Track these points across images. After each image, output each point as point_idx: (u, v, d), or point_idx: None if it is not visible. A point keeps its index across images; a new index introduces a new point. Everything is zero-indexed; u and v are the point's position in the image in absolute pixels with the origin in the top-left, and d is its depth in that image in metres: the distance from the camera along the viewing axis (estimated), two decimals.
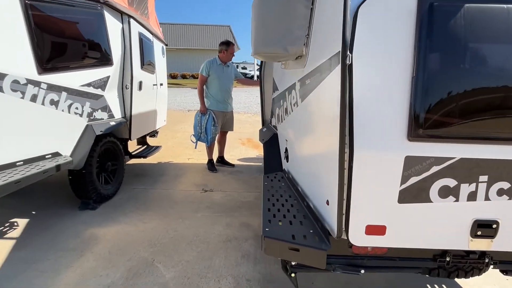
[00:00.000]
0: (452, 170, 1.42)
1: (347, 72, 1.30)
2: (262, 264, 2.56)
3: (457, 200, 1.46)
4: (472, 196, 1.45)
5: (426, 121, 1.37)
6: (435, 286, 2.39)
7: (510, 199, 1.45)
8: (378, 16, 1.36)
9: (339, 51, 1.32)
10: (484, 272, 1.78)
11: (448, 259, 1.63)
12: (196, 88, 5.18)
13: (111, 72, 3.64)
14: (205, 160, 5.18)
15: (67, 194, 3.59)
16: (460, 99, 1.36)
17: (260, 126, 4.53)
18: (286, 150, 2.61)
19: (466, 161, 1.40)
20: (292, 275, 1.69)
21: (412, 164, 1.41)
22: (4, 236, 2.89)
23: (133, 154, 4.53)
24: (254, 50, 1.90)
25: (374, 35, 1.38)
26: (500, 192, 1.45)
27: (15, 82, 2.45)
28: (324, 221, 1.65)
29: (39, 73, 2.66)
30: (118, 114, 3.83)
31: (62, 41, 3.04)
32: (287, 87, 2.40)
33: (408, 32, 1.35)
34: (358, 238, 1.52)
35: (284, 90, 2.56)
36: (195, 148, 5.08)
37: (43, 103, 2.72)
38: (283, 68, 2.51)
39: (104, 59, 3.54)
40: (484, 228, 1.49)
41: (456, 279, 2.46)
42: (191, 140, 4.94)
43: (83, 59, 3.30)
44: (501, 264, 1.68)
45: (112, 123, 3.66)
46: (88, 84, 3.29)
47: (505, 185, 1.44)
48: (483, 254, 1.64)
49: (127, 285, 2.28)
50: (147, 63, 4.45)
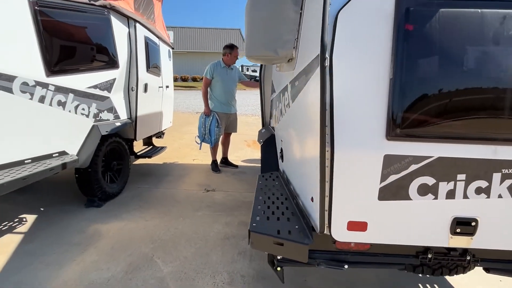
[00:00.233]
0: (430, 169, 1.46)
1: (325, 74, 1.36)
2: (257, 261, 2.63)
3: (436, 198, 1.50)
4: (450, 194, 1.49)
5: (403, 121, 1.42)
6: (427, 286, 2.42)
7: (488, 197, 1.49)
8: (357, 20, 1.43)
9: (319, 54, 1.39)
10: (469, 270, 1.81)
11: (430, 256, 1.67)
12: None
13: (117, 74, 3.77)
14: (209, 161, 5.28)
15: (74, 192, 3.73)
16: (436, 100, 1.41)
17: None
18: (282, 150, 2.68)
19: (443, 160, 1.45)
20: (278, 269, 1.76)
21: (391, 163, 1.46)
22: (13, 231, 3.03)
23: (138, 154, 4.66)
24: (246, 53, 1.97)
25: (354, 38, 1.44)
26: (478, 191, 1.49)
27: (24, 84, 2.59)
28: (310, 217, 1.72)
29: (47, 75, 2.80)
30: (123, 115, 3.96)
31: (69, 44, 3.19)
32: (282, 88, 2.47)
33: (386, 35, 1.41)
34: (341, 233, 1.57)
35: (279, 92, 2.63)
36: (200, 149, 5.18)
37: (50, 104, 2.86)
38: (278, 70, 2.58)
39: (111, 62, 3.67)
40: (463, 225, 1.53)
41: (449, 281, 2.48)
42: (196, 141, 5.05)
43: (90, 62, 3.44)
44: (483, 262, 1.71)
45: (118, 124, 3.79)
46: (95, 86, 3.42)
47: (483, 183, 1.47)
48: (465, 252, 1.67)
49: (126, 278, 2.38)
50: (153, 66, 4.58)
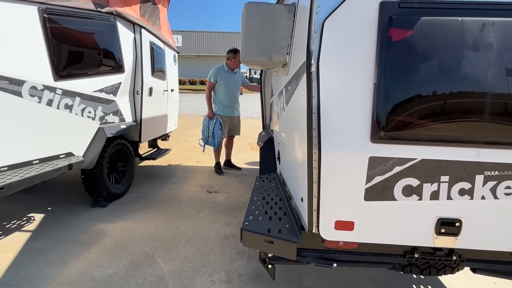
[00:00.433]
0: (414, 170, 1.51)
1: (311, 80, 1.43)
2: (254, 261, 2.69)
3: (420, 199, 1.55)
4: (434, 195, 1.54)
5: (387, 124, 1.48)
6: (421, 287, 2.45)
7: (471, 199, 1.53)
8: (343, 28, 1.49)
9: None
10: (458, 270, 1.85)
11: (416, 255, 1.71)
12: None
13: (123, 78, 3.89)
14: (213, 163, 5.36)
15: (80, 192, 3.84)
16: (419, 104, 1.46)
17: None
18: (279, 152, 2.75)
19: (427, 162, 1.50)
20: (269, 266, 1.82)
21: (376, 164, 1.52)
22: (22, 229, 3.15)
23: (143, 156, 4.77)
24: (242, 58, 2.05)
25: (339, 45, 1.50)
26: (462, 192, 1.53)
27: (33, 88, 2.71)
28: (300, 217, 1.78)
29: (55, 79, 2.92)
30: (129, 118, 4.08)
31: (76, 50, 3.31)
32: (278, 92, 2.54)
33: (370, 42, 1.47)
34: (328, 232, 1.63)
35: (277, 96, 2.70)
36: (203, 151, 5.28)
37: (58, 107, 2.98)
38: (275, 75, 2.66)
39: (116, 67, 3.80)
40: (448, 226, 1.57)
41: (443, 282, 2.51)
42: (199, 144, 5.14)
43: (97, 66, 3.56)
44: (469, 262, 1.75)
45: (123, 126, 3.90)
46: (101, 90, 3.54)
47: (466, 185, 1.52)
48: (451, 252, 1.71)
49: (127, 275, 2.47)
50: (158, 70, 4.70)
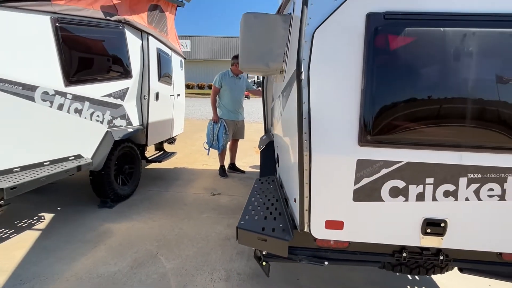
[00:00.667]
0: (400, 173, 1.59)
1: (301, 87, 1.52)
2: (253, 261, 2.74)
3: (406, 200, 1.62)
4: (420, 197, 1.61)
5: (374, 128, 1.56)
6: (415, 287, 2.50)
7: (456, 200, 1.60)
8: (332, 38, 1.58)
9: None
10: (447, 270, 1.91)
11: (404, 255, 1.78)
12: None
13: (130, 84, 4.04)
14: (218, 166, 5.47)
15: (89, 193, 3.98)
16: (404, 110, 1.54)
17: None
18: (277, 155, 2.84)
19: (412, 164, 1.58)
20: (264, 263, 1.90)
21: (363, 167, 1.60)
22: (32, 228, 3.30)
23: (149, 159, 4.91)
24: (241, 65, 2.15)
25: (329, 54, 1.60)
26: (446, 194, 1.60)
27: (45, 93, 2.86)
28: (294, 216, 1.86)
29: (66, 85, 3.08)
30: (136, 122, 4.22)
31: (86, 56, 3.47)
32: (276, 97, 2.64)
33: (357, 51, 1.56)
34: (319, 231, 1.71)
35: (275, 101, 2.80)
36: (208, 154, 5.39)
37: (68, 111, 3.13)
38: (274, 81, 2.76)
39: (124, 73, 3.95)
40: (434, 226, 1.64)
41: (438, 284, 2.55)
42: (204, 147, 5.26)
43: (105, 72, 3.71)
44: (455, 262, 1.80)
45: (130, 130, 4.04)
46: (109, 95, 3.69)
47: (450, 187, 1.59)
48: (438, 252, 1.77)
49: (131, 273, 2.58)
50: (164, 75, 4.84)
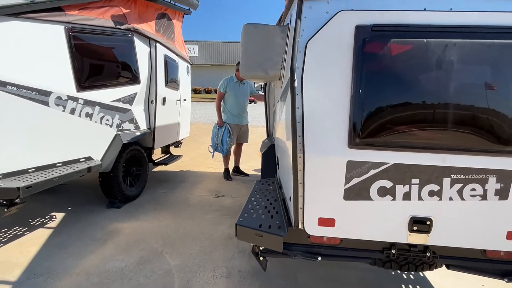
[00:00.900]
0: (387, 173, 1.70)
1: (295, 93, 1.65)
2: (254, 259, 2.85)
3: (394, 199, 1.73)
4: (407, 196, 1.72)
5: (362, 132, 1.67)
6: (410, 286, 2.58)
7: (440, 200, 1.71)
8: (323, 48, 1.71)
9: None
10: (435, 268, 2.00)
11: (393, 251, 1.88)
12: None
13: (138, 89, 4.21)
14: (223, 169, 5.61)
15: (98, 194, 4.15)
16: (389, 114, 1.66)
17: None
18: (277, 158, 2.96)
19: (399, 166, 1.69)
20: (261, 258, 2.02)
21: (353, 168, 1.71)
22: (45, 226, 3.46)
23: (156, 161, 5.07)
24: (241, 73, 2.28)
25: (320, 63, 1.72)
26: (431, 193, 1.71)
27: (58, 98, 3.04)
28: (289, 214, 1.98)
29: (78, 90, 3.25)
30: (143, 126, 4.38)
31: (97, 63, 3.65)
32: (276, 102, 2.77)
33: (347, 60, 1.68)
34: (312, 228, 1.83)
35: (275, 106, 2.93)
36: (212, 157, 5.54)
37: (79, 115, 3.30)
38: (274, 87, 2.89)
39: (133, 78, 4.12)
40: (420, 224, 1.75)
41: (433, 284, 2.64)
42: (209, 150, 5.41)
43: (115, 78, 3.89)
44: (442, 259, 1.90)
45: (138, 133, 4.20)
46: (118, 100, 3.86)
47: (435, 187, 1.70)
48: (426, 249, 1.87)
49: (137, 269, 2.71)
50: (171, 81, 5.01)
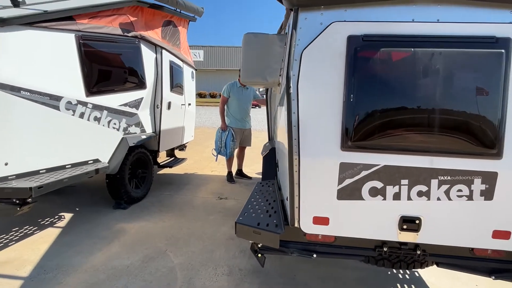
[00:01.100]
0: (378, 175, 1.80)
1: (291, 99, 1.76)
2: (255, 259, 2.96)
3: (384, 199, 1.83)
4: (397, 196, 1.82)
5: (354, 135, 1.78)
6: (405, 286, 2.66)
7: (428, 200, 1.80)
8: (317, 57, 1.82)
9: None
10: (426, 266, 2.09)
11: (385, 249, 1.97)
12: None
13: (145, 94, 4.35)
14: (226, 172, 5.72)
15: (105, 196, 4.29)
16: (379, 119, 1.76)
17: None
18: (277, 160, 3.07)
19: (389, 167, 1.79)
20: (259, 255, 2.13)
21: (346, 169, 1.82)
22: (54, 225, 3.60)
23: (161, 164, 5.20)
24: (242, 79, 2.40)
25: (315, 70, 1.83)
26: (420, 194, 1.80)
27: (69, 102, 3.18)
28: (287, 213, 2.08)
29: (87, 95, 3.40)
30: (149, 129, 4.52)
31: (105, 69, 3.80)
32: (276, 107, 2.88)
33: (340, 68, 1.79)
34: (308, 226, 1.93)
35: (275, 110, 3.04)
36: (216, 160, 5.66)
37: (88, 119, 3.44)
38: (273, 92, 3.01)
39: (139, 84, 4.27)
40: (409, 223, 1.84)
41: (428, 284, 2.71)
42: (212, 154, 5.53)
43: (122, 84, 4.04)
44: (431, 256, 1.98)
45: (143, 137, 4.34)
46: (125, 104, 4.01)
47: (423, 188, 1.79)
48: (416, 247, 1.96)
49: (142, 266, 2.83)
50: (176, 86, 5.16)
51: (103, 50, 3.72)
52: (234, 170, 5.75)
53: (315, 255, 2.03)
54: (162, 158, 5.68)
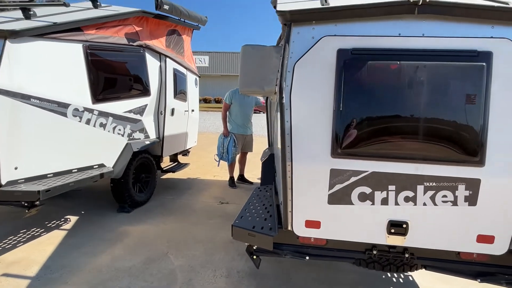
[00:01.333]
0: (366, 181, 1.90)
1: (284, 108, 1.87)
2: (252, 262, 3.07)
3: (373, 204, 1.92)
4: (384, 201, 1.91)
5: (343, 143, 1.88)
6: None
7: (415, 205, 1.89)
8: (309, 69, 1.93)
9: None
10: (415, 269, 2.16)
11: (375, 252, 2.05)
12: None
13: (149, 101, 4.49)
14: (228, 177, 5.83)
15: (109, 199, 4.41)
16: (368, 128, 1.86)
17: None
18: (276, 166, 3.17)
19: (376, 174, 1.88)
20: (254, 257, 2.22)
21: (336, 175, 1.91)
22: (60, 228, 3.72)
23: (164, 169, 5.32)
24: (240, 88, 2.51)
25: (307, 81, 1.94)
26: (407, 199, 1.89)
27: (76, 109, 3.32)
28: (281, 217, 2.18)
29: (93, 102, 3.53)
30: (152, 135, 4.65)
31: (111, 77, 3.95)
32: (274, 115, 2.99)
33: (330, 79, 1.89)
34: (300, 229, 2.02)
35: (274, 117, 3.15)
36: (218, 166, 5.76)
37: (94, 126, 3.57)
38: (272, 100, 3.12)
39: (144, 91, 4.41)
40: (397, 227, 1.93)
41: (420, 287, 2.78)
42: (215, 159, 5.64)
43: (127, 91, 4.18)
44: (419, 259, 2.06)
45: (147, 142, 4.47)
46: (130, 111, 4.14)
47: (410, 193, 1.88)
48: (405, 250, 2.04)
49: (144, 268, 2.93)
50: (179, 93, 5.30)
51: (109, 59, 3.87)
52: (236, 175, 5.85)
53: (307, 258, 2.12)
54: (166, 163, 5.80)
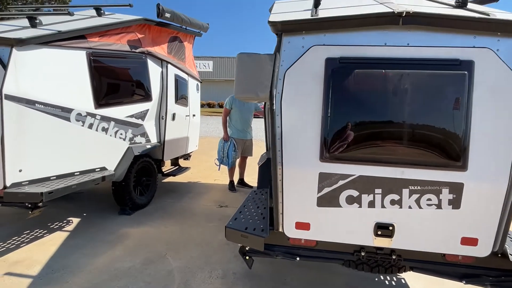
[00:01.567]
0: (354, 184, 1.97)
1: (274, 114, 1.96)
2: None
3: (360, 207, 1.99)
4: (371, 204, 1.98)
5: (331, 147, 1.96)
6: None
7: (400, 208, 1.96)
8: (299, 77, 2.02)
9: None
10: (404, 271, 2.22)
11: (363, 253, 2.12)
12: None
13: (150, 106, 4.60)
14: (228, 181, 5.91)
15: (110, 202, 4.51)
16: (355, 133, 1.93)
17: None
18: None
19: (363, 177, 1.95)
20: (247, 258, 2.29)
21: (324, 178, 1.99)
22: (62, 229, 3.82)
23: (165, 172, 5.42)
24: (235, 94, 2.60)
25: (297, 89, 2.03)
26: (393, 202, 1.96)
27: (79, 114, 3.44)
28: (272, 219, 2.25)
29: (96, 107, 3.65)
30: (154, 139, 4.76)
31: (114, 83, 4.07)
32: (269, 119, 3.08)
33: (319, 87, 1.98)
34: (291, 231, 2.10)
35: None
36: (218, 170, 5.85)
37: (96, 130, 3.68)
38: (268, 106, 3.21)
39: (145, 96, 4.52)
40: (383, 229, 1.99)
41: None
42: (215, 163, 5.73)
43: (129, 96, 4.29)
44: (406, 261, 2.12)
45: (148, 146, 4.57)
46: (131, 116, 4.25)
47: (395, 197, 1.95)
48: (392, 252, 2.10)
49: (142, 268, 3.01)
50: (181, 98, 5.41)
51: (111, 66, 3.99)
52: (236, 179, 5.93)
53: (298, 258, 2.19)
54: (167, 167, 5.90)
